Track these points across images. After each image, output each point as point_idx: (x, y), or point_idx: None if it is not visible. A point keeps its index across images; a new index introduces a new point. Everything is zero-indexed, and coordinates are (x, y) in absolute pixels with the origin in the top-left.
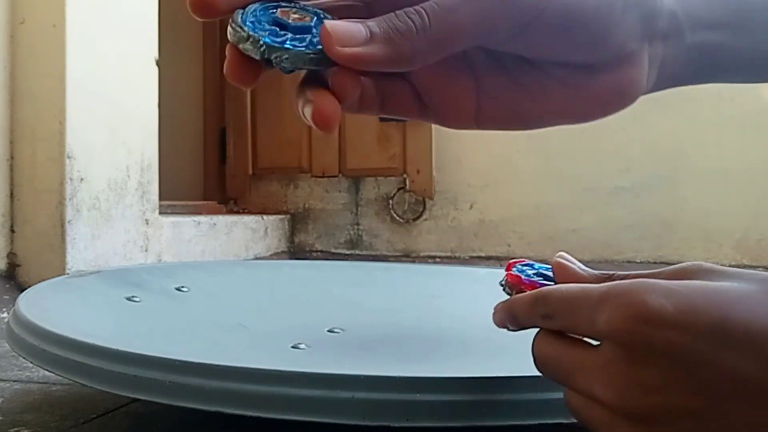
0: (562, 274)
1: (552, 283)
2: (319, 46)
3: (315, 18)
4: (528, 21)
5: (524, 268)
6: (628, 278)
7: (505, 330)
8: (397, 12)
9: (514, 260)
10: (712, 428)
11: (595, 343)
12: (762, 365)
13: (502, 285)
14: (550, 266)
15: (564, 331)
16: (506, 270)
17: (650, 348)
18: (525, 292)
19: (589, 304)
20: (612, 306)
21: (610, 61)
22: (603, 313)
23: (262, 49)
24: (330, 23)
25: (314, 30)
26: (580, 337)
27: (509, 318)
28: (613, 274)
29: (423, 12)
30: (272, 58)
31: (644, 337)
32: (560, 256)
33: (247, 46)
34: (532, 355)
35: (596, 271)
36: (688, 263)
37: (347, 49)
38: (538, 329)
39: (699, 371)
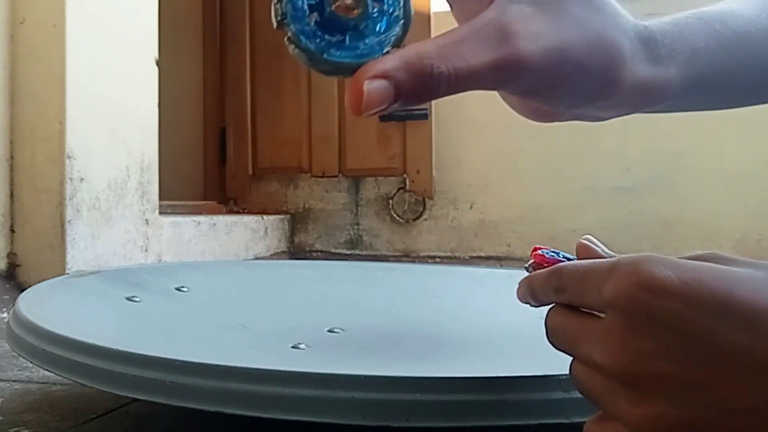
0: (586, 255)
1: None
2: (354, 60)
3: (364, 11)
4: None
5: (551, 251)
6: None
7: (528, 305)
8: (426, 66)
9: (539, 246)
10: (704, 398)
11: (602, 315)
12: (759, 339)
13: (527, 269)
14: (575, 256)
15: (574, 304)
16: (531, 253)
17: (650, 316)
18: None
19: (598, 275)
20: (619, 275)
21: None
22: (610, 281)
23: (303, 51)
24: (359, 86)
25: (349, 35)
26: (589, 311)
27: (529, 292)
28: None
29: (451, 74)
30: (303, 52)
31: (646, 305)
32: (586, 239)
33: (290, 36)
34: (545, 326)
35: (619, 255)
36: (704, 251)
37: (370, 111)
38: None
39: (695, 341)
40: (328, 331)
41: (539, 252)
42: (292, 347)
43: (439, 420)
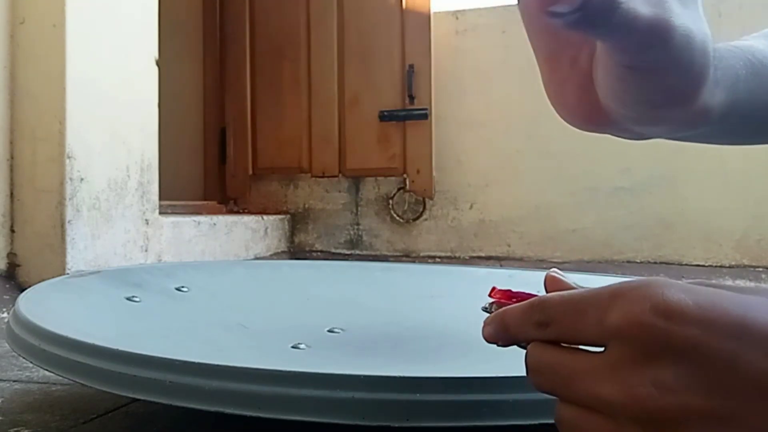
0: (556, 289)
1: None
2: None
3: None
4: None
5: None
6: None
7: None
8: None
9: (496, 287)
10: (734, 430)
11: (595, 349)
12: None
13: (486, 310)
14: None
15: (562, 340)
16: (490, 295)
17: (668, 344)
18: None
19: (596, 303)
20: (627, 300)
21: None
22: (615, 309)
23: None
24: None
25: None
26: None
27: (501, 329)
28: None
29: None
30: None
31: (662, 332)
32: (554, 272)
33: None
34: (525, 365)
35: (591, 288)
36: (692, 279)
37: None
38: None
39: (720, 370)
40: (328, 331)
41: (501, 289)
42: (292, 347)
43: (439, 420)
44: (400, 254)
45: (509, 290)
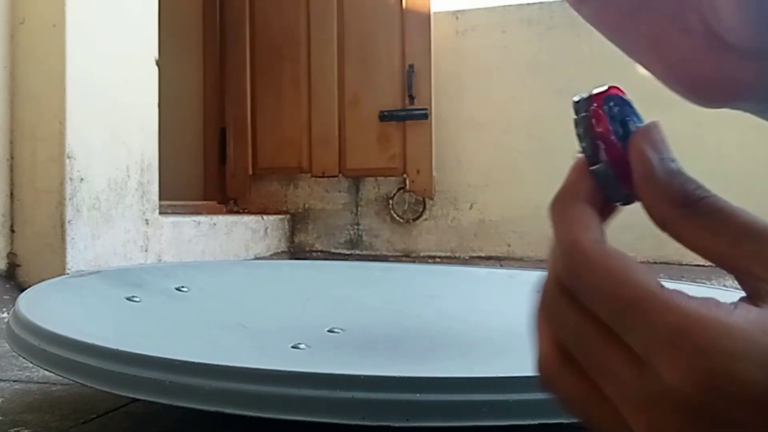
0: (638, 166)
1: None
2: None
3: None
4: None
5: (618, 109)
6: (719, 205)
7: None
8: None
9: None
10: None
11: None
12: None
13: (576, 102)
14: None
15: (586, 307)
16: (594, 98)
17: (722, 423)
18: (598, 143)
19: (653, 319)
20: (686, 356)
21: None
22: (670, 357)
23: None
24: None
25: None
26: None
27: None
28: (705, 198)
29: None
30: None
31: (714, 411)
32: (650, 129)
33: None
34: (538, 299)
35: (681, 180)
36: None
37: None
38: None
39: None
40: (328, 331)
41: (604, 110)
42: (292, 347)
43: (439, 420)
44: (400, 254)
45: (605, 119)
